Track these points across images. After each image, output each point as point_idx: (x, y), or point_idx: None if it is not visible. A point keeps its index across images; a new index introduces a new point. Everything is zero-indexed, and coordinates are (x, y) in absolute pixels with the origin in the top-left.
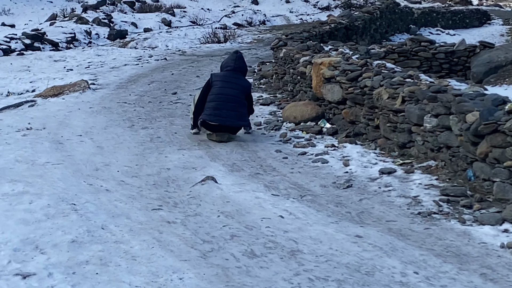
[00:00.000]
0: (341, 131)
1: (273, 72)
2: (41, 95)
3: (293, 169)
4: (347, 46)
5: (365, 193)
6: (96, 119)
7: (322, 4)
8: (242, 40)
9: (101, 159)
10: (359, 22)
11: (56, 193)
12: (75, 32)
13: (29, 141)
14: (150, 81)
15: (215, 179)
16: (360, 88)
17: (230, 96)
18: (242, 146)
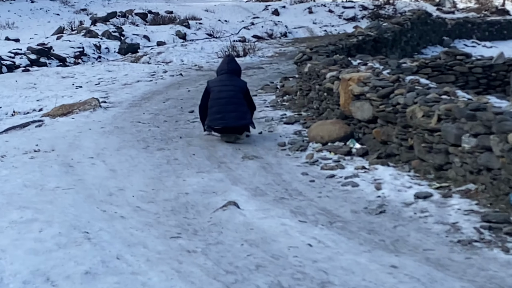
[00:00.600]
0: (372, 152)
1: (297, 88)
2: (49, 114)
3: (321, 193)
4: (376, 60)
5: (400, 219)
6: (108, 140)
7: (348, 15)
8: (262, 53)
9: (114, 183)
10: (389, 34)
11: (68, 220)
12: (83, 46)
13: (38, 164)
14: (165, 99)
15: (238, 205)
16: (392, 106)
17: (229, 98)
18: (265, 168)
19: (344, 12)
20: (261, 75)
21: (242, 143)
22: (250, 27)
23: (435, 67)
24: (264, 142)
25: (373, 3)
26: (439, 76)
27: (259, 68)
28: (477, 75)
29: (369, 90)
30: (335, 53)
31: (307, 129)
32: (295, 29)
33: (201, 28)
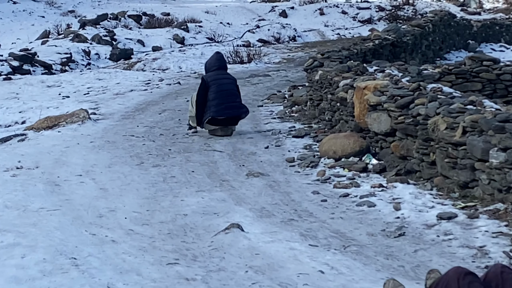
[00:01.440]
0: (390, 168)
1: (307, 98)
2: (33, 127)
3: (333, 214)
4: (395, 67)
5: (421, 243)
6: (99, 156)
7: (363, 16)
8: (269, 59)
9: (105, 204)
10: (408, 38)
11: (53, 245)
12: (71, 52)
13: (20, 183)
14: (162, 110)
15: (241, 227)
16: (412, 117)
17: (229, 90)
18: (272, 187)
19: (359, 14)
20: (268, 84)
21: (247, 159)
22: (255, 30)
23: (460, 74)
24: (271, 157)
25: (391, 3)
26: (464, 84)
27: (265, 75)
28: (506, 83)
29: (386, 99)
30: (349, 59)
31: (318, 143)
32: (304, 32)
33: (201, 32)
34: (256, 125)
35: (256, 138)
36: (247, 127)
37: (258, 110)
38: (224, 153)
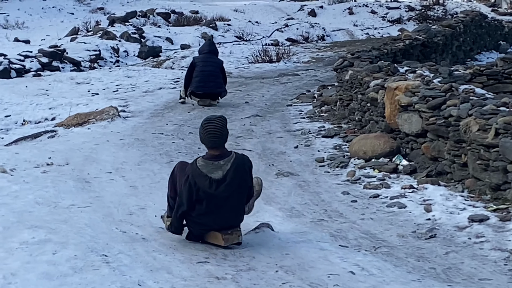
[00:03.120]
0: (421, 169)
1: (337, 97)
2: (63, 124)
3: (364, 215)
4: (426, 67)
5: (452, 245)
6: (128, 153)
7: (393, 16)
8: (298, 59)
9: (135, 201)
10: (439, 38)
11: (84, 241)
12: (100, 49)
13: (51, 179)
14: (191, 108)
15: (271, 227)
16: (443, 118)
17: (210, 72)
18: (302, 186)
19: (388, 13)
20: (297, 83)
21: (277, 159)
22: (283, 29)
23: (491, 75)
24: (300, 157)
25: (421, 3)
26: (496, 85)
27: (294, 75)
28: None
29: (418, 100)
30: (379, 59)
31: (348, 143)
32: (333, 31)
33: (230, 30)
34: (286, 125)
35: (286, 138)
36: (276, 126)
37: (287, 110)
38: (253, 152)
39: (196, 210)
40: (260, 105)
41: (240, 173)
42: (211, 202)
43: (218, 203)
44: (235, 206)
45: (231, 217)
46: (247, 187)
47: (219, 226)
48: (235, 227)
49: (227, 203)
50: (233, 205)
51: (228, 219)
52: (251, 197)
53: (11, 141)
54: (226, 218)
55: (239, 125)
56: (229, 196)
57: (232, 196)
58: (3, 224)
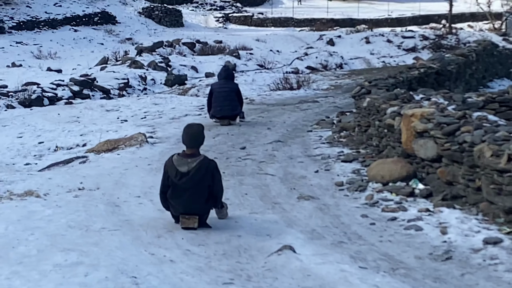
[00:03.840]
0: (436, 193)
1: (355, 124)
2: (94, 150)
3: (382, 237)
4: (440, 95)
5: (468, 267)
6: (156, 178)
7: (408, 45)
8: (317, 86)
9: (162, 225)
10: (453, 67)
11: (114, 264)
12: (128, 78)
13: (82, 204)
14: (215, 134)
15: (293, 249)
16: (458, 144)
17: (225, 96)
18: (322, 209)
19: (403, 42)
20: (316, 109)
21: (298, 183)
22: (303, 57)
23: (503, 102)
24: (320, 181)
25: (435, 33)
26: (507, 112)
27: (314, 101)
28: None
29: (433, 127)
30: (395, 87)
31: (366, 167)
32: (351, 60)
33: (252, 59)
34: (306, 150)
35: (306, 162)
36: (297, 151)
37: (308, 135)
38: (275, 177)
39: (168, 193)
40: (282, 131)
41: (201, 172)
42: (175, 189)
43: (179, 191)
44: (194, 197)
45: (190, 205)
46: (205, 183)
47: (182, 211)
48: (194, 214)
49: (186, 193)
50: (192, 196)
51: (187, 206)
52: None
53: (44, 167)
54: (186, 205)
55: (261, 150)
56: (188, 187)
57: (191, 188)
58: (37, 247)
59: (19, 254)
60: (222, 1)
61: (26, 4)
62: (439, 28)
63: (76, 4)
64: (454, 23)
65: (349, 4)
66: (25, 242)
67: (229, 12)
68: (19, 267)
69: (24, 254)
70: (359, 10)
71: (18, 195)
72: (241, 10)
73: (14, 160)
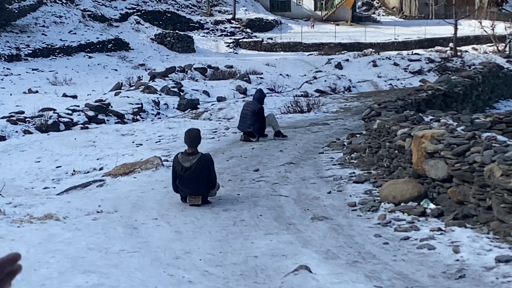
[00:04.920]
0: (448, 212)
1: (365, 145)
2: (110, 173)
3: (395, 256)
4: (449, 116)
5: (481, 285)
6: (172, 200)
7: (414, 68)
8: (327, 109)
9: (180, 246)
10: (459, 88)
11: (135, 285)
12: (142, 103)
13: (101, 226)
14: (229, 157)
15: (309, 269)
16: (468, 164)
17: (244, 114)
18: (336, 230)
19: (409, 65)
20: (327, 132)
21: (311, 204)
22: (312, 81)
23: (510, 123)
24: (333, 202)
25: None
26: None
27: (324, 124)
28: None
29: (443, 147)
30: (404, 109)
31: (377, 188)
32: (359, 83)
33: (262, 83)
34: (318, 171)
35: (319, 184)
36: (310, 173)
37: (319, 157)
38: (289, 198)
39: (176, 183)
40: (294, 153)
41: (200, 166)
42: (182, 180)
43: (185, 181)
44: (196, 184)
45: (193, 190)
46: (204, 174)
47: (189, 193)
48: (197, 195)
49: (190, 182)
50: (194, 184)
51: (192, 190)
52: (213, 185)
53: (62, 190)
54: (190, 189)
55: (274, 172)
56: (191, 178)
57: (193, 178)
58: (58, 269)
59: (41, 277)
60: (233, 27)
61: (41, 32)
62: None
63: (90, 32)
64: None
65: (356, 29)
66: (46, 264)
67: (239, 37)
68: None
69: (46, 277)
70: (366, 34)
71: (38, 219)
72: (251, 36)
73: (33, 184)
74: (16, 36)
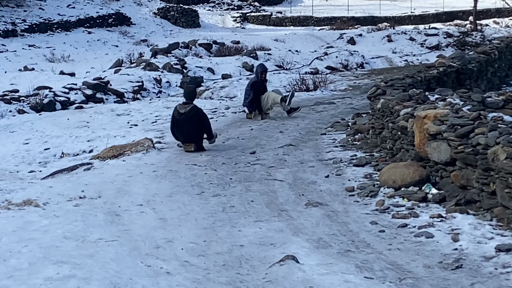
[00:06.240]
0: (450, 197)
1: (369, 126)
2: (99, 156)
3: (391, 245)
4: (458, 95)
5: (478, 276)
6: (160, 185)
7: (431, 43)
8: (335, 87)
9: (163, 234)
10: (474, 65)
11: (108, 277)
12: (143, 80)
13: (81, 213)
14: (225, 138)
15: (296, 259)
16: (472, 147)
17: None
18: (330, 217)
19: (426, 40)
20: (332, 111)
21: (307, 188)
22: (323, 57)
23: None
24: (330, 186)
25: (459, 30)
26: None
27: (330, 103)
28: None
29: (446, 129)
30: (412, 87)
31: (378, 172)
32: (372, 59)
33: (270, 59)
34: (318, 154)
35: (317, 167)
36: (309, 155)
37: (321, 138)
38: (284, 182)
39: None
40: (294, 134)
41: (193, 112)
42: (178, 125)
43: (180, 126)
44: (188, 130)
45: (186, 136)
46: (196, 119)
47: (183, 139)
48: (191, 142)
49: (184, 126)
50: (188, 129)
51: (186, 137)
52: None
53: (48, 174)
54: (184, 136)
55: (272, 155)
56: (185, 122)
57: (187, 122)
58: (29, 259)
59: (10, 268)
60: (240, 1)
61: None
62: (464, 25)
63: (90, 6)
64: (479, 19)
65: (371, 2)
66: (17, 254)
67: (246, 11)
68: (8, 281)
69: (15, 268)
70: (380, 8)
71: (17, 205)
72: (259, 10)
73: (19, 168)
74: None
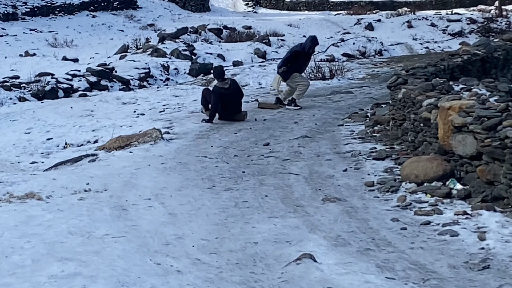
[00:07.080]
0: (476, 193)
1: (389, 117)
2: (104, 147)
3: (413, 244)
4: (483, 85)
5: (507, 277)
6: (169, 178)
7: (454, 29)
8: (352, 75)
9: (173, 230)
10: (500, 53)
11: (115, 275)
12: (149, 67)
13: (86, 207)
14: (237, 129)
15: (314, 257)
16: (499, 140)
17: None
18: (349, 213)
19: (449, 26)
20: (350, 101)
21: (324, 183)
22: (339, 44)
23: None
24: (349, 181)
25: (483, 15)
26: None
27: (347, 92)
28: None
29: (472, 121)
30: (435, 76)
31: (399, 166)
32: (391, 46)
33: (284, 46)
34: (335, 146)
35: (335, 160)
36: (326, 148)
37: (338, 130)
38: (300, 176)
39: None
40: (310, 125)
41: (235, 84)
42: (227, 99)
43: (230, 100)
44: (238, 100)
45: (238, 106)
46: (240, 90)
47: (234, 111)
48: (239, 113)
49: (231, 99)
50: (234, 101)
51: (237, 107)
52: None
53: (50, 166)
54: (235, 106)
55: (286, 147)
56: (233, 93)
57: (234, 93)
58: (32, 256)
59: (12, 264)
60: None
61: None
62: (488, 10)
63: None
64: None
65: None
66: (20, 250)
67: None
68: (11, 279)
69: (17, 264)
70: None
71: (19, 198)
72: None
73: (20, 158)
74: None
